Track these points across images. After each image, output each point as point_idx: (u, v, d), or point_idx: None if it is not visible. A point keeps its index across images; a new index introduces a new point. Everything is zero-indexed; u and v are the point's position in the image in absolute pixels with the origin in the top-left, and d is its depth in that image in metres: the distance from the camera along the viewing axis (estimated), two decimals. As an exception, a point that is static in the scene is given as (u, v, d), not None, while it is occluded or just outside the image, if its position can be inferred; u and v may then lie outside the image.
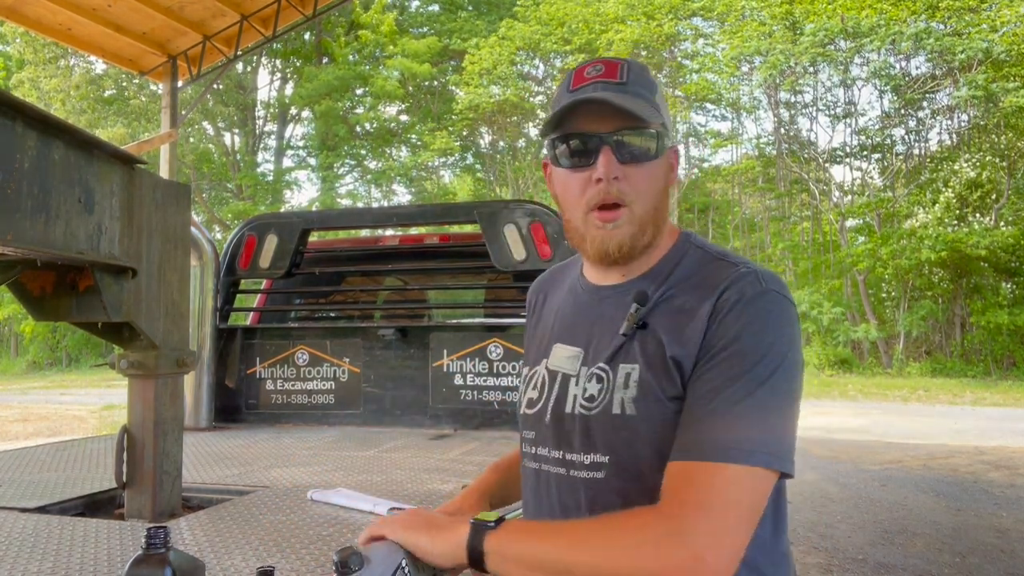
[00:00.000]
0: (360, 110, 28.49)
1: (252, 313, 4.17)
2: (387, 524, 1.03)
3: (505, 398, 3.47)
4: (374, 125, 28.17)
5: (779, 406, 0.93)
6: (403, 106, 29.09)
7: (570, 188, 1.07)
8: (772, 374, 0.93)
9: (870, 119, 24.18)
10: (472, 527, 0.96)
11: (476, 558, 0.94)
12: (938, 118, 22.77)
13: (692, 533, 0.83)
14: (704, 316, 0.98)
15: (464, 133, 28.06)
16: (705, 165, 27.88)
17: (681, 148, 27.03)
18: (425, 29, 29.92)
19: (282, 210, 24.75)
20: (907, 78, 22.18)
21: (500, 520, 0.97)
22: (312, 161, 29.39)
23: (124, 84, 26.10)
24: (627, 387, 1.02)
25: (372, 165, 29.54)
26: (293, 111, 30.11)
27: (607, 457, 1.02)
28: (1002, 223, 19.21)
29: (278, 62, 29.53)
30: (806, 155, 24.21)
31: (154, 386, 1.99)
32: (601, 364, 1.06)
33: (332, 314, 4.69)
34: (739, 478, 0.88)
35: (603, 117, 1.03)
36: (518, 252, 3.46)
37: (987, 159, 19.68)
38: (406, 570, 0.96)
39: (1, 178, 1.37)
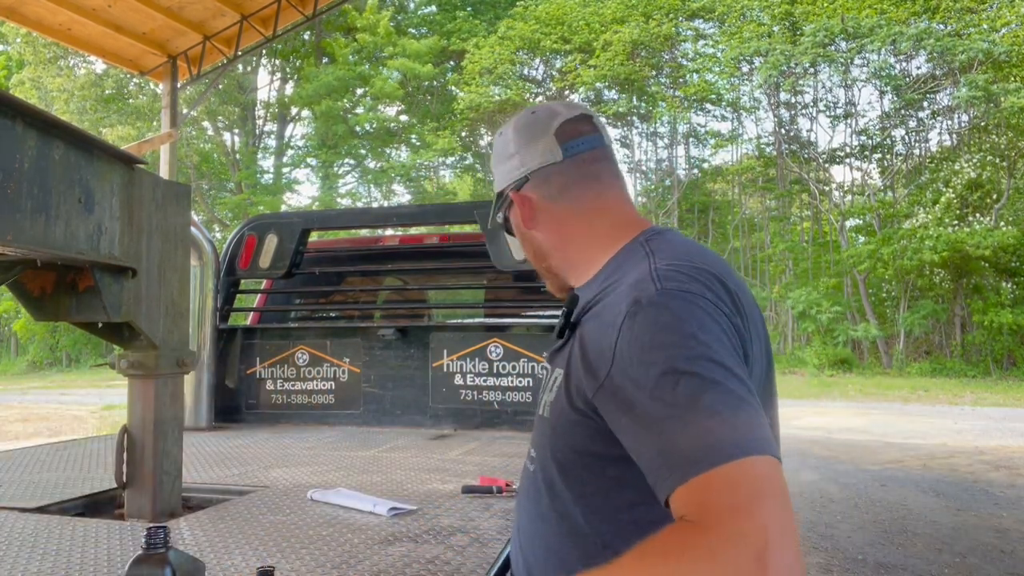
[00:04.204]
0: (360, 110, 28.49)
1: (252, 313, 4.17)
2: None
3: (505, 398, 3.47)
4: (373, 125, 28.17)
5: (717, 411, 0.80)
6: (403, 107, 29.10)
7: None
8: (679, 387, 0.82)
9: (870, 119, 24.23)
10: None
11: None
12: (938, 118, 22.79)
13: (741, 532, 0.72)
14: (610, 344, 0.92)
15: (463, 133, 28.08)
16: (705, 165, 27.89)
17: (680, 148, 27.24)
18: (424, 30, 29.93)
19: (282, 210, 24.77)
20: (907, 78, 22.20)
21: None
22: (312, 161, 29.40)
23: (123, 83, 26.09)
24: (551, 390, 1.06)
25: (372, 165, 29.55)
26: (293, 111, 30.13)
27: (536, 453, 1.10)
28: (1002, 223, 19.21)
29: (278, 62, 29.54)
30: (806, 155, 24.23)
31: (154, 386, 1.99)
32: (546, 363, 1.16)
33: (332, 314, 4.69)
34: (743, 471, 0.77)
35: None
36: (518, 252, 3.46)
37: (987, 159, 19.68)
38: None
39: (1, 178, 1.37)
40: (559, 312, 3.73)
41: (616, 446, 0.91)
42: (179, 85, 10.46)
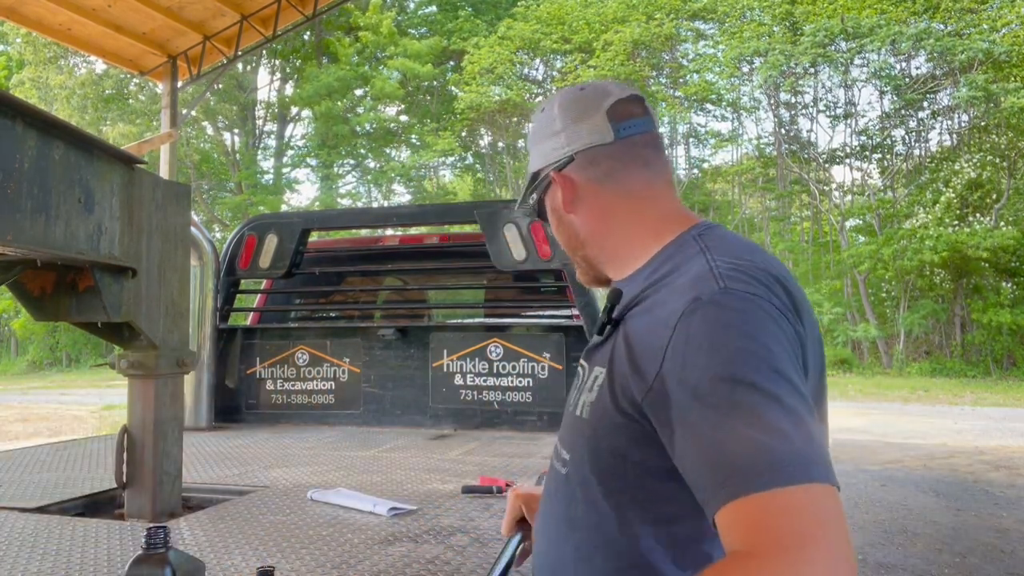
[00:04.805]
0: (360, 110, 28.49)
1: (252, 313, 4.17)
2: None
3: (505, 398, 3.47)
4: (373, 125, 28.18)
5: (772, 422, 0.75)
6: (403, 107, 29.10)
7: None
8: (735, 394, 0.77)
9: (870, 120, 24.23)
10: None
11: None
12: (938, 118, 22.79)
13: (809, 563, 0.68)
14: (662, 344, 0.86)
15: (463, 133, 28.09)
16: (705, 165, 27.91)
17: (680, 148, 27.23)
18: (424, 30, 29.93)
19: (282, 210, 24.77)
20: (907, 78, 22.19)
21: None
22: (312, 161, 29.41)
23: (123, 83, 26.08)
24: (591, 390, 0.99)
25: (372, 165, 29.56)
26: (293, 111, 30.14)
27: (569, 455, 1.03)
28: (1002, 223, 19.21)
29: (278, 62, 29.54)
30: (806, 155, 24.22)
31: (154, 386, 1.99)
32: (582, 361, 1.08)
33: (332, 314, 4.69)
34: (805, 498, 0.72)
35: None
36: (518, 252, 3.46)
37: (987, 159, 19.69)
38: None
39: (1, 178, 1.37)
40: (559, 312, 3.71)
41: (659, 454, 0.86)
42: (179, 85, 10.46)
